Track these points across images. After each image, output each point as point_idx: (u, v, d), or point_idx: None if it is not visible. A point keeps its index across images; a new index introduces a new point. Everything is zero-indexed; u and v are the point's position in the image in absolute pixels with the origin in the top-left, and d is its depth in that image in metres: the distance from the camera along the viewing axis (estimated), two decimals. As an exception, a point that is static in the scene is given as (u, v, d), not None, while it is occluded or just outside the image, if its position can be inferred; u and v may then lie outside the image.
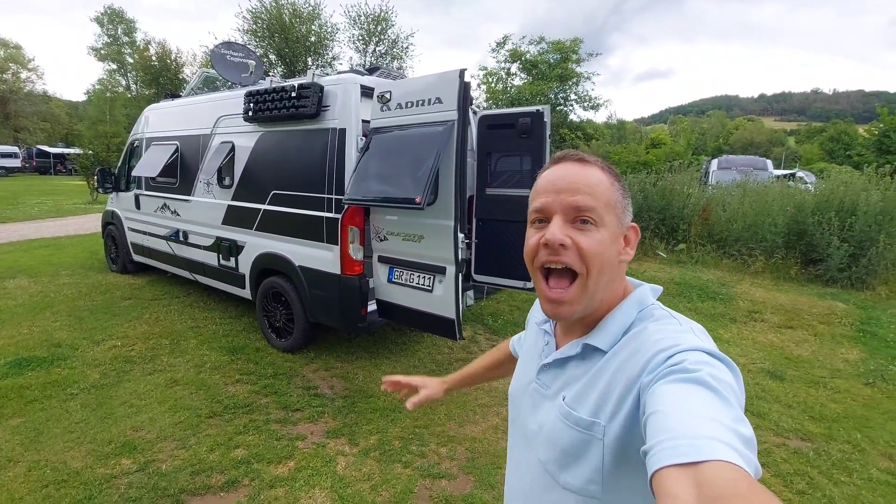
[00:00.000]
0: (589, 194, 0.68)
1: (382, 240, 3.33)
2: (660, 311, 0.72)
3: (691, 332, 0.66)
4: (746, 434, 0.48)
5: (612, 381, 0.66)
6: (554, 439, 0.71)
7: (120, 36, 33.98)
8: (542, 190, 0.72)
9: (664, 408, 0.52)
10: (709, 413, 0.49)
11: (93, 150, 15.64)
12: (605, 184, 0.70)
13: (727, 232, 7.56)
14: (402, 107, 3.05)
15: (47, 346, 3.86)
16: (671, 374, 0.56)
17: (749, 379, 3.71)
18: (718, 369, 0.56)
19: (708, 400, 0.51)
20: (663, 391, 0.54)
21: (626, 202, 0.73)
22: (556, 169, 0.73)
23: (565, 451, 0.69)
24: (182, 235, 4.84)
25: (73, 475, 2.34)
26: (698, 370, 0.55)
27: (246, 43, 18.28)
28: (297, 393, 3.26)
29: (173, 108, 5.26)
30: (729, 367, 0.58)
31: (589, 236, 0.68)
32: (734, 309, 5.43)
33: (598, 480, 0.65)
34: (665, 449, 0.46)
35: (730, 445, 0.44)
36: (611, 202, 0.70)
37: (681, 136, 17.65)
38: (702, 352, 0.59)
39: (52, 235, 9.00)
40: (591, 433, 0.66)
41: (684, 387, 0.53)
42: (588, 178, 0.70)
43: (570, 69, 14.34)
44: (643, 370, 0.62)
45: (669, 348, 0.61)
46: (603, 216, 0.69)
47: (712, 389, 0.52)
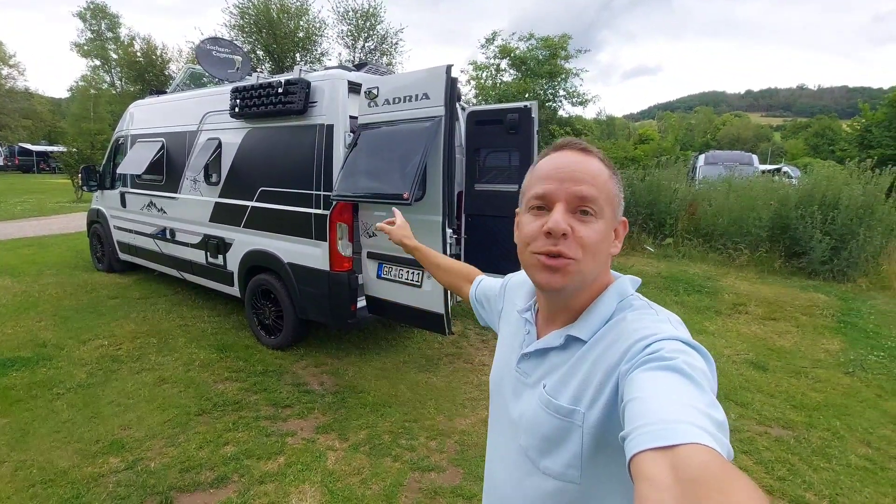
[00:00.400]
0: (592, 185, 0.69)
1: (371, 236, 3.34)
2: (638, 301, 0.74)
3: (668, 321, 0.68)
4: (719, 418, 0.50)
5: (592, 369, 0.68)
6: (535, 426, 0.73)
7: (103, 31, 33.33)
8: (545, 176, 0.72)
9: (642, 394, 0.53)
10: (684, 399, 0.51)
11: (77, 148, 15.41)
12: (606, 176, 0.71)
13: (713, 226, 7.68)
14: (390, 102, 3.05)
15: (32, 346, 3.81)
16: (649, 362, 0.58)
17: (733, 370, 3.79)
18: (693, 357, 0.58)
19: (683, 386, 0.53)
20: (641, 378, 0.56)
21: (620, 196, 0.74)
22: (559, 156, 0.73)
23: (546, 437, 0.71)
24: (169, 233, 4.79)
25: (60, 474, 2.32)
26: (674, 358, 0.56)
27: (233, 39, 18.05)
28: (287, 389, 3.26)
29: (159, 104, 5.19)
30: (702, 355, 0.61)
31: (589, 227, 0.69)
32: (719, 302, 5.52)
33: (577, 466, 0.67)
34: (642, 434, 0.48)
35: (704, 429, 0.46)
36: (610, 195, 0.71)
37: (668, 132, 17.82)
38: (678, 341, 0.61)
39: (35, 235, 8.85)
40: (571, 420, 0.67)
41: (661, 374, 0.55)
42: (591, 168, 0.70)
43: (559, 65, 14.37)
44: (622, 358, 0.63)
45: (647, 337, 0.63)
46: (603, 207, 0.70)
47: (687, 376, 0.54)
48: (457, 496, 2.29)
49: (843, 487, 2.43)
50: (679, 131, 16.45)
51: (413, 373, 3.62)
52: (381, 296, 3.38)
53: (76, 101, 34.11)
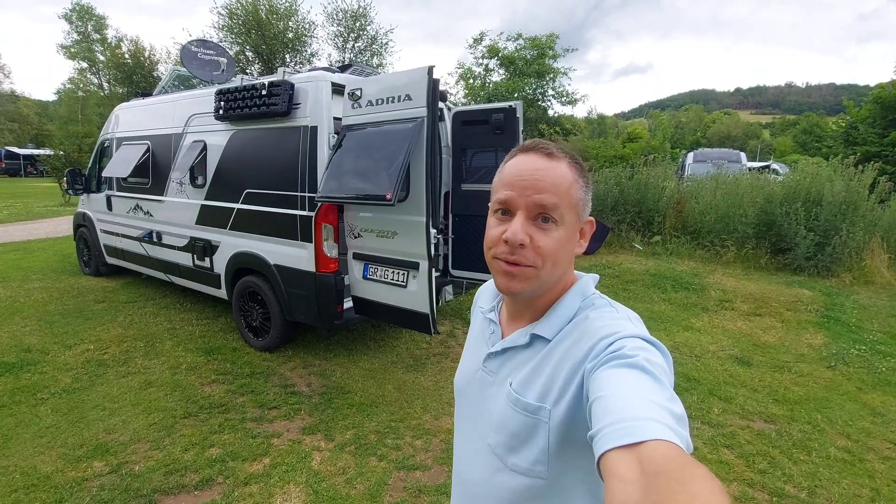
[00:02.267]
0: (553, 193, 0.69)
1: (357, 237, 3.35)
2: (599, 300, 0.76)
3: (627, 319, 0.70)
4: (678, 412, 0.52)
5: (557, 367, 0.70)
6: (502, 423, 0.74)
7: (90, 33, 33.03)
8: (507, 183, 0.72)
9: (606, 392, 0.56)
10: (645, 395, 0.53)
11: (64, 151, 15.25)
12: (570, 180, 0.71)
13: (700, 224, 7.76)
14: (373, 104, 3.07)
15: (16, 351, 3.77)
16: (612, 360, 0.60)
17: (718, 366, 3.84)
18: (652, 353, 0.61)
19: (644, 383, 0.56)
20: (605, 376, 0.58)
21: (587, 197, 0.75)
22: (524, 160, 0.73)
23: (514, 434, 0.72)
24: (155, 236, 4.77)
25: (42, 479, 2.31)
26: (635, 356, 0.59)
27: (221, 40, 17.95)
28: (274, 391, 3.27)
29: (144, 106, 5.16)
30: (660, 351, 0.63)
31: (548, 235, 0.70)
32: (706, 298, 5.59)
33: (543, 461, 0.69)
34: (609, 433, 0.50)
35: (665, 424, 0.49)
36: (573, 201, 0.71)
37: (658, 130, 17.92)
38: (638, 338, 0.64)
39: (21, 239, 8.75)
40: (538, 417, 0.69)
41: (624, 371, 0.58)
42: (554, 175, 0.70)
43: (547, 65, 14.46)
44: (586, 356, 0.66)
45: (609, 336, 0.65)
46: (564, 215, 0.70)
47: (648, 373, 0.57)
48: (441, 494, 2.31)
49: (821, 479, 2.47)
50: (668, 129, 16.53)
51: (400, 373, 3.63)
52: (367, 296, 3.39)
53: (63, 104, 33.79)
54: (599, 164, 11.79)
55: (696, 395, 3.34)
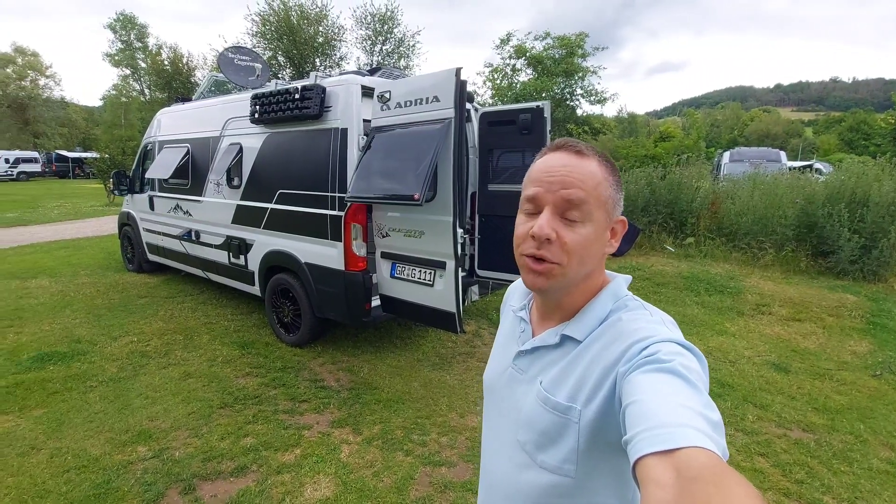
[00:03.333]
0: (581, 189, 0.69)
1: (385, 236, 3.41)
2: (633, 301, 0.76)
3: (662, 323, 0.70)
4: (714, 419, 0.52)
5: (588, 368, 0.70)
6: (532, 421, 0.75)
7: (132, 41, 34.70)
8: (536, 179, 0.73)
9: (641, 397, 0.56)
10: (681, 401, 0.53)
11: (109, 154, 16.01)
12: (599, 178, 0.71)
13: (736, 225, 7.49)
14: (402, 106, 3.12)
15: (68, 342, 4.02)
16: (646, 365, 0.60)
17: (753, 371, 3.72)
18: (688, 359, 0.61)
19: (680, 388, 0.55)
20: (639, 381, 0.58)
21: (618, 196, 0.74)
22: (553, 157, 0.73)
23: (543, 432, 0.73)
24: (194, 235, 4.98)
25: (92, 461, 2.47)
26: (671, 360, 0.59)
27: (255, 46, 18.52)
28: (305, 385, 3.37)
29: (184, 111, 5.40)
30: (696, 356, 0.63)
31: (575, 231, 0.70)
32: (742, 302, 5.40)
33: (573, 461, 0.70)
34: (644, 439, 0.50)
35: (701, 431, 0.49)
36: (602, 198, 0.71)
37: (692, 129, 17.42)
38: (673, 343, 0.63)
39: (71, 237, 9.28)
40: (568, 417, 0.70)
41: (658, 376, 0.57)
42: (583, 171, 0.70)
43: (576, 64, 14.25)
44: (619, 359, 0.66)
45: (644, 339, 0.65)
46: (592, 212, 0.70)
47: (683, 378, 0.56)
48: (466, 490, 2.33)
49: (862, 491, 2.37)
50: (703, 128, 16.04)
51: (426, 370, 3.68)
52: (394, 295, 3.45)
53: (108, 109, 35.64)
54: (630, 164, 11.56)
55: (729, 402, 3.24)
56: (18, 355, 3.72)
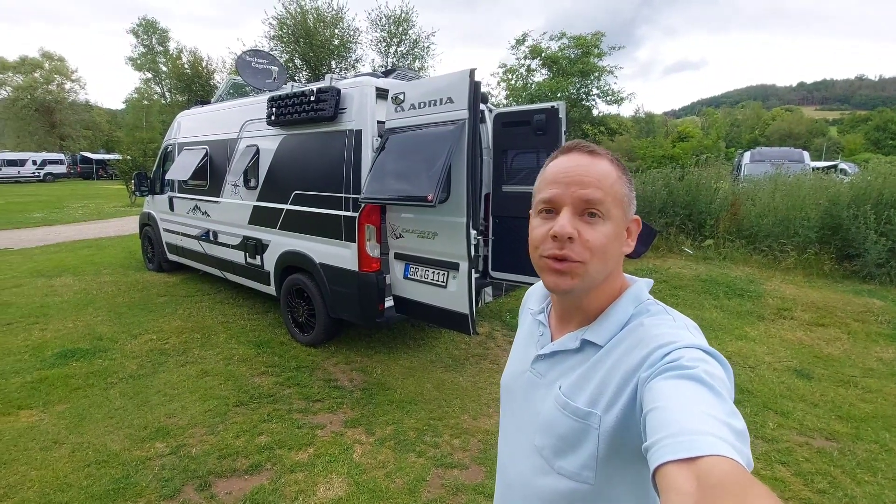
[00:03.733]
0: (598, 188, 0.69)
1: (398, 237, 3.42)
2: (654, 306, 0.75)
3: (685, 328, 0.69)
4: (739, 427, 0.51)
5: (609, 373, 0.69)
6: (551, 427, 0.74)
7: (154, 45, 35.56)
8: (552, 181, 0.73)
9: (663, 404, 0.54)
10: (704, 408, 0.52)
11: (131, 156, 16.39)
12: (614, 177, 0.71)
13: (757, 227, 7.32)
14: (416, 107, 3.13)
15: (90, 339, 4.13)
16: (668, 371, 0.59)
17: (774, 378, 3.63)
18: (712, 366, 0.59)
19: (703, 396, 0.54)
20: (661, 387, 0.57)
21: (631, 195, 0.74)
22: (566, 159, 0.74)
23: (562, 438, 0.72)
24: (212, 235, 5.07)
25: (112, 456, 2.52)
26: (694, 367, 0.57)
27: (272, 49, 18.78)
28: (319, 385, 3.39)
29: (203, 114, 5.51)
30: (720, 363, 0.61)
31: (596, 229, 0.69)
32: (762, 306, 5.28)
33: (592, 467, 0.69)
34: (666, 446, 0.49)
35: (724, 440, 0.48)
36: (618, 196, 0.71)
37: (711, 128, 17.11)
38: (697, 349, 0.62)
39: (94, 237, 9.53)
40: (588, 423, 0.69)
41: (681, 383, 0.56)
42: (598, 170, 0.71)
43: (592, 63, 14.11)
44: (641, 365, 0.65)
45: (667, 345, 0.64)
46: (610, 209, 0.70)
47: (707, 385, 0.55)
48: (478, 493, 2.32)
49: (887, 502, 2.29)
50: (723, 128, 15.71)
51: (439, 372, 3.67)
52: (407, 296, 3.45)
53: (130, 112, 36.55)
54: (647, 165, 11.40)
55: (749, 408, 3.17)
56: (43, 352, 3.83)
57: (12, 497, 2.21)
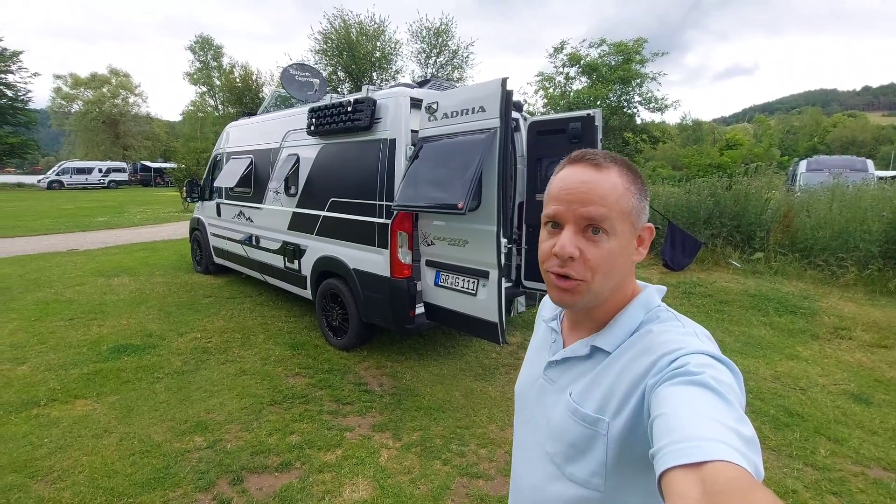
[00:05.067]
0: (601, 205, 0.68)
1: (430, 244, 3.45)
2: (665, 313, 0.74)
3: (694, 335, 0.68)
4: (747, 434, 0.50)
5: (617, 379, 0.69)
6: (561, 433, 0.75)
7: (209, 61, 37.80)
8: (555, 197, 0.73)
9: (669, 410, 0.54)
10: (711, 414, 0.51)
11: (185, 164, 17.41)
12: (620, 190, 0.70)
13: (812, 240, 6.88)
14: (448, 116, 3.17)
15: (141, 335, 4.39)
16: (676, 377, 0.58)
17: (828, 401, 3.38)
18: (720, 371, 0.58)
19: (710, 402, 0.53)
20: (668, 393, 0.57)
21: (642, 204, 0.73)
22: (571, 173, 0.73)
23: (572, 444, 0.72)
24: (255, 240, 5.30)
25: (154, 447, 2.67)
26: (701, 373, 0.57)
27: (317, 62, 19.54)
28: (349, 388, 3.46)
29: (250, 124, 5.79)
30: (730, 369, 0.60)
31: (599, 247, 0.69)
32: (817, 325, 4.94)
33: (601, 474, 0.68)
34: (671, 451, 0.49)
35: (731, 446, 0.47)
36: (625, 210, 0.70)
37: (763, 136, 16.25)
38: (704, 355, 0.61)
39: (149, 240, 10.18)
40: (596, 429, 0.69)
41: (688, 389, 0.56)
42: (603, 187, 0.69)
43: (633, 70, 13.77)
44: (648, 371, 0.64)
45: (674, 351, 0.63)
46: (615, 225, 0.69)
47: (714, 391, 0.54)
48: (503, 505, 2.29)
49: (959, 545, 2.07)
50: (776, 135, 14.88)
51: (469, 380, 3.66)
52: (438, 303, 3.47)
53: (186, 123, 38.95)
54: (693, 174, 10.96)
55: (798, 433, 2.96)
56: (99, 346, 4.12)
57: (65, 480, 2.38)
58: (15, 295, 5.63)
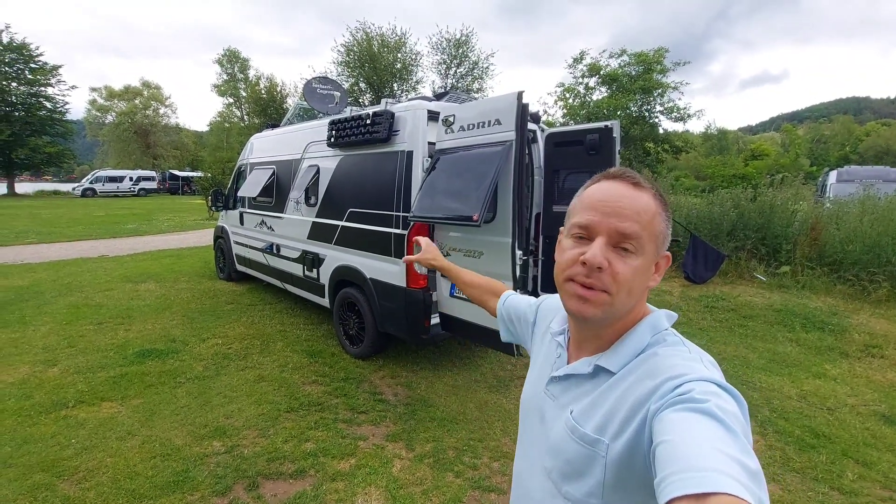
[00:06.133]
0: (636, 221, 0.69)
1: (445, 255, 3.47)
2: (672, 337, 0.74)
3: (699, 360, 0.67)
4: (752, 467, 0.50)
5: (618, 402, 0.69)
6: (559, 450, 0.75)
7: (236, 73, 39.01)
8: (590, 206, 0.72)
9: (672, 437, 0.54)
10: (716, 445, 0.51)
11: (211, 173, 17.94)
12: (653, 212, 0.71)
13: (842, 254, 6.64)
14: (465, 129, 3.20)
15: (165, 340, 4.52)
16: (679, 404, 0.58)
17: (857, 423, 3.25)
18: (725, 401, 0.58)
19: (715, 431, 0.53)
20: (671, 420, 0.57)
21: (667, 232, 0.74)
22: (610, 186, 0.73)
23: (569, 462, 0.72)
24: (275, 248, 5.41)
25: (175, 451, 2.74)
26: (706, 401, 0.56)
27: (339, 74, 19.97)
28: (364, 397, 3.49)
29: (273, 136, 5.95)
30: (735, 399, 0.60)
31: (627, 263, 0.69)
32: (847, 342, 4.76)
33: (598, 495, 0.68)
34: (675, 482, 0.49)
35: (736, 479, 0.47)
36: (655, 232, 0.71)
37: (791, 145, 15.81)
38: (709, 382, 0.61)
39: (175, 247, 10.48)
40: (595, 450, 0.68)
41: (691, 417, 0.55)
42: (639, 204, 0.70)
43: (655, 80, 13.63)
44: (651, 396, 0.64)
45: (678, 377, 0.63)
46: (644, 245, 0.70)
47: (719, 421, 0.54)
48: (515, 520, 2.26)
49: None
50: (804, 144, 14.44)
51: (483, 392, 3.64)
52: (453, 314, 3.48)
53: (213, 134, 40.17)
54: (716, 184, 10.74)
55: (825, 455, 2.86)
56: (125, 350, 4.25)
57: (90, 480, 2.46)
58: (48, 299, 5.88)
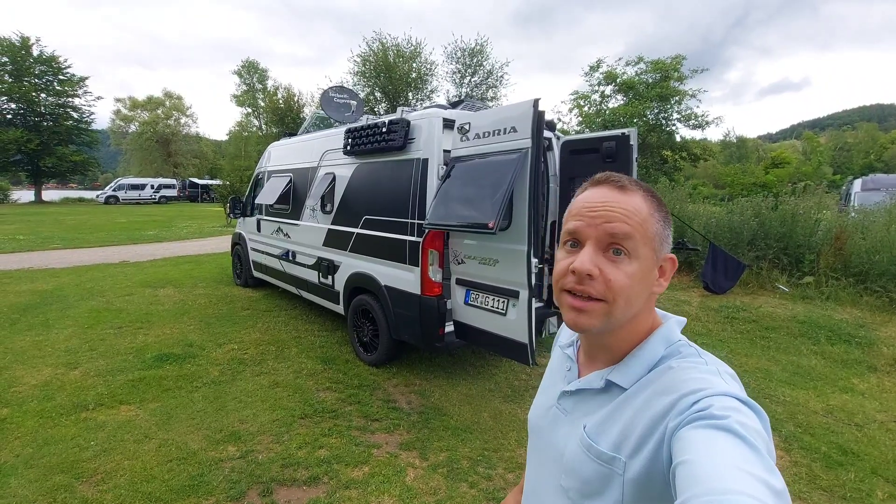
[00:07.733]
0: (625, 222, 0.67)
1: (460, 263, 3.46)
2: (687, 348, 0.71)
3: (717, 373, 0.65)
4: (777, 486, 0.48)
5: (635, 418, 0.66)
6: (575, 468, 0.72)
7: (254, 83, 39.86)
8: (577, 213, 0.71)
9: (694, 457, 0.52)
10: (739, 464, 0.49)
11: (230, 181, 18.26)
12: (644, 213, 0.69)
13: (868, 264, 6.44)
14: (480, 136, 3.21)
15: (182, 345, 4.59)
16: (698, 420, 0.56)
17: (887, 438, 3.12)
18: (747, 416, 0.56)
19: (736, 449, 0.51)
20: (691, 438, 0.55)
21: (665, 233, 0.71)
22: (594, 192, 0.72)
23: (587, 481, 0.70)
24: (291, 255, 5.47)
25: (190, 455, 2.76)
26: (726, 417, 0.54)
27: (355, 84, 20.25)
28: (378, 404, 3.47)
29: (290, 144, 6.04)
30: (756, 413, 0.58)
31: (619, 268, 0.67)
32: (875, 355, 4.60)
33: None
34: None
35: (760, 500, 0.45)
36: (648, 234, 0.68)
37: (813, 153, 15.48)
38: (729, 396, 0.59)
39: (194, 253, 10.68)
40: (612, 468, 0.66)
41: (712, 434, 0.53)
42: (626, 206, 0.68)
43: (672, 87, 13.51)
44: (668, 412, 0.62)
45: (696, 392, 0.60)
46: (638, 247, 0.67)
47: (741, 437, 0.52)
48: (530, 533, 2.21)
49: None
50: (827, 152, 14.08)
51: (497, 401, 3.60)
52: (467, 321, 3.46)
53: (232, 143, 41.02)
54: (736, 192, 10.55)
55: (853, 473, 2.74)
56: (144, 354, 4.32)
57: (107, 482, 2.49)
58: (71, 303, 6.02)
